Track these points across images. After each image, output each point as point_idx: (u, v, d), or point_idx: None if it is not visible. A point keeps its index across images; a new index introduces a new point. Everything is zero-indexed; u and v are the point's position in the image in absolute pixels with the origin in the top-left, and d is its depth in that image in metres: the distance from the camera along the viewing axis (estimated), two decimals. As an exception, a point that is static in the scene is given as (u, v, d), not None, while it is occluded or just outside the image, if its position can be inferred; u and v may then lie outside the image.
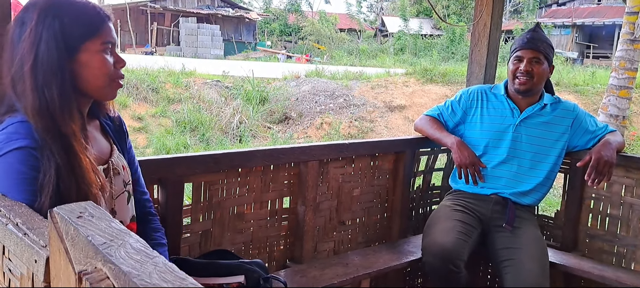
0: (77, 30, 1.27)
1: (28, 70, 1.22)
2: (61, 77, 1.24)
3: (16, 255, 0.99)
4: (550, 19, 28.56)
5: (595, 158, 2.37)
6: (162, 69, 11.54)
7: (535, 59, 2.47)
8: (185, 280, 0.67)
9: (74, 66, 1.28)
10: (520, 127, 2.56)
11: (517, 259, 2.32)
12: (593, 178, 2.37)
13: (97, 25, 1.30)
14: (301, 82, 12.07)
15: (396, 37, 27.07)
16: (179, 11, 24.61)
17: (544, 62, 2.49)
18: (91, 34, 1.29)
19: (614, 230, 2.67)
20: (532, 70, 2.47)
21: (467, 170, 2.58)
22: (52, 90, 1.22)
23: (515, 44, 2.57)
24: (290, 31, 30.83)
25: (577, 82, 12.08)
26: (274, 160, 2.32)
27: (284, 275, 2.33)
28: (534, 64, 2.48)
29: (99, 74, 1.30)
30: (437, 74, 12.35)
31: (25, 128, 1.21)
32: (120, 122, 1.56)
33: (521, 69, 2.48)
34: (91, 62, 1.29)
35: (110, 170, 1.42)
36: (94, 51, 1.29)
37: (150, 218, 1.62)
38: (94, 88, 1.32)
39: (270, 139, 9.45)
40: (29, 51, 1.22)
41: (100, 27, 1.30)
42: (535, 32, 2.53)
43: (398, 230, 2.89)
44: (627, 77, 6.98)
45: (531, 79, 2.48)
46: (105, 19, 1.32)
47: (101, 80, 1.31)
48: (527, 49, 2.48)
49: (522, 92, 2.52)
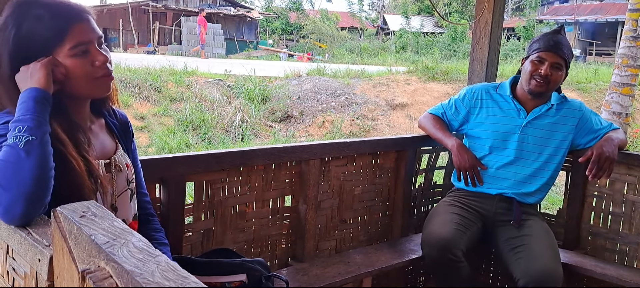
0: (39, 39, 1.25)
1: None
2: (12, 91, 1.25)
3: (20, 255, 1.00)
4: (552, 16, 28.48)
5: (597, 154, 2.37)
6: (164, 68, 11.53)
7: (557, 65, 2.42)
8: (187, 279, 0.67)
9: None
10: (527, 128, 2.54)
11: (529, 245, 2.33)
12: (594, 174, 2.37)
13: (61, 30, 1.26)
14: (303, 80, 12.07)
15: (398, 35, 27.02)
16: (180, 10, 24.61)
17: (563, 69, 2.45)
18: (56, 41, 1.26)
19: (616, 228, 2.67)
20: (551, 75, 2.42)
21: (466, 173, 2.58)
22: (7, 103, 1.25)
23: (538, 42, 2.47)
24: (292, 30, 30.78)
25: (579, 79, 12.04)
26: (275, 159, 2.33)
27: (286, 273, 2.33)
28: (554, 69, 2.42)
29: (77, 77, 1.28)
30: (439, 71, 12.32)
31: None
32: (126, 121, 1.57)
33: (541, 71, 2.41)
34: (67, 68, 1.27)
35: (113, 166, 1.43)
36: (63, 56, 1.26)
37: (150, 219, 1.63)
38: (78, 90, 1.32)
39: (272, 138, 9.45)
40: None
41: (65, 32, 1.26)
42: (560, 35, 2.47)
43: (400, 228, 2.89)
44: (630, 74, 6.96)
45: (547, 84, 2.43)
46: (73, 19, 1.27)
47: (81, 82, 1.30)
48: (551, 52, 2.41)
49: (536, 94, 2.48)
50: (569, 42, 2.51)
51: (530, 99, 2.54)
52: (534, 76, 2.44)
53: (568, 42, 2.50)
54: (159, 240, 1.60)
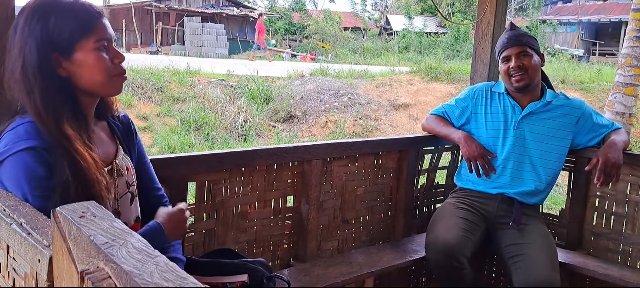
0: (67, 31, 1.28)
1: (19, 75, 1.25)
2: (42, 81, 1.25)
3: (20, 255, 1.00)
4: (555, 16, 28.43)
5: (603, 161, 2.35)
6: (167, 68, 11.56)
7: (523, 53, 2.48)
8: (186, 280, 0.67)
9: (71, 66, 1.30)
10: (522, 123, 2.55)
11: (527, 254, 2.31)
12: (602, 182, 2.36)
13: (89, 23, 1.30)
14: (306, 80, 12.07)
15: (401, 35, 27.01)
16: (183, 10, 24.63)
17: (533, 54, 2.49)
18: (83, 34, 1.29)
19: (619, 229, 2.66)
20: (523, 63, 2.47)
21: (477, 163, 2.57)
22: (35, 94, 1.24)
23: (497, 48, 2.58)
24: (295, 30, 30.78)
25: (583, 79, 12.01)
26: (277, 159, 2.32)
27: (288, 273, 2.33)
28: (522, 57, 2.48)
29: (97, 71, 1.31)
30: (442, 72, 12.31)
31: (34, 128, 1.23)
32: (128, 121, 1.58)
33: (512, 65, 2.48)
34: (87, 60, 1.30)
35: (114, 171, 1.43)
36: (88, 49, 1.30)
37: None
38: (94, 85, 1.33)
39: (274, 138, 9.45)
40: (18, 56, 1.25)
41: (92, 25, 1.30)
42: (513, 30, 2.54)
43: (402, 228, 2.89)
44: (634, 74, 6.94)
45: (526, 73, 2.47)
46: (97, 16, 1.32)
47: (100, 77, 1.32)
48: (511, 47, 2.49)
49: (521, 88, 2.51)
50: (525, 30, 2.56)
51: (523, 96, 2.56)
52: (509, 74, 2.52)
53: (524, 31, 2.56)
54: None
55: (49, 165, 1.20)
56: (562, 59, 17.92)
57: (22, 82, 1.25)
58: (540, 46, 2.58)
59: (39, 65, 1.25)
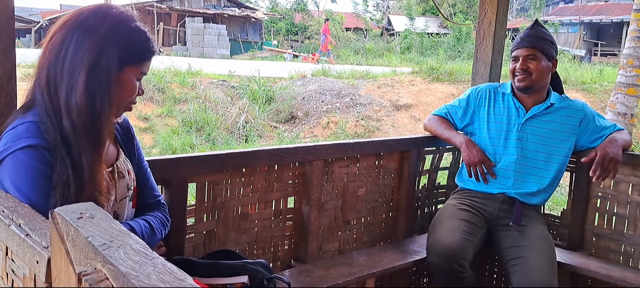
0: (131, 52, 1.34)
1: (84, 73, 1.25)
2: (112, 88, 1.30)
3: (19, 256, 0.99)
4: (557, 16, 28.40)
5: (601, 155, 2.35)
6: (168, 68, 11.55)
7: (531, 56, 2.48)
8: (183, 281, 0.67)
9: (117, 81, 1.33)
10: (526, 126, 2.55)
11: (525, 257, 2.31)
12: (598, 175, 2.35)
13: (144, 55, 1.38)
14: (307, 81, 12.06)
15: (402, 36, 26.97)
16: (185, 11, 24.65)
17: (542, 58, 2.48)
18: (137, 61, 1.36)
19: (621, 229, 2.65)
20: (529, 67, 2.48)
21: (476, 168, 2.57)
22: (104, 97, 1.27)
23: (513, 44, 2.59)
24: (297, 30, 30.77)
25: (584, 80, 11.99)
26: (278, 160, 2.32)
27: (289, 275, 2.33)
28: (529, 61, 2.48)
29: (126, 96, 1.37)
30: (444, 72, 12.29)
31: (35, 128, 1.24)
32: (127, 125, 1.58)
33: (518, 66, 2.50)
34: (127, 84, 1.35)
35: (115, 173, 1.44)
36: (132, 75, 1.36)
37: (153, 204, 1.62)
38: (116, 104, 1.36)
39: (276, 139, 9.44)
40: (89, 56, 1.25)
41: (146, 59, 1.38)
42: (533, 29, 2.54)
43: (403, 229, 2.88)
44: (635, 75, 6.92)
45: (529, 76, 2.48)
46: (152, 53, 1.40)
47: (124, 102, 1.38)
48: (521, 47, 2.51)
49: (522, 89, 2.52)
50: (545, 32, 2.56)
51: (528, 97, 2.56)
52: (514, 74, 2.54)
53: (544, 32, 2.55)
54: (146, 216, 1.55)
55: (49, 163, 1.21)
56: (563, 60, 17.86)
57: (86, 82, 1.25)
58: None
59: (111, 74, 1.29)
